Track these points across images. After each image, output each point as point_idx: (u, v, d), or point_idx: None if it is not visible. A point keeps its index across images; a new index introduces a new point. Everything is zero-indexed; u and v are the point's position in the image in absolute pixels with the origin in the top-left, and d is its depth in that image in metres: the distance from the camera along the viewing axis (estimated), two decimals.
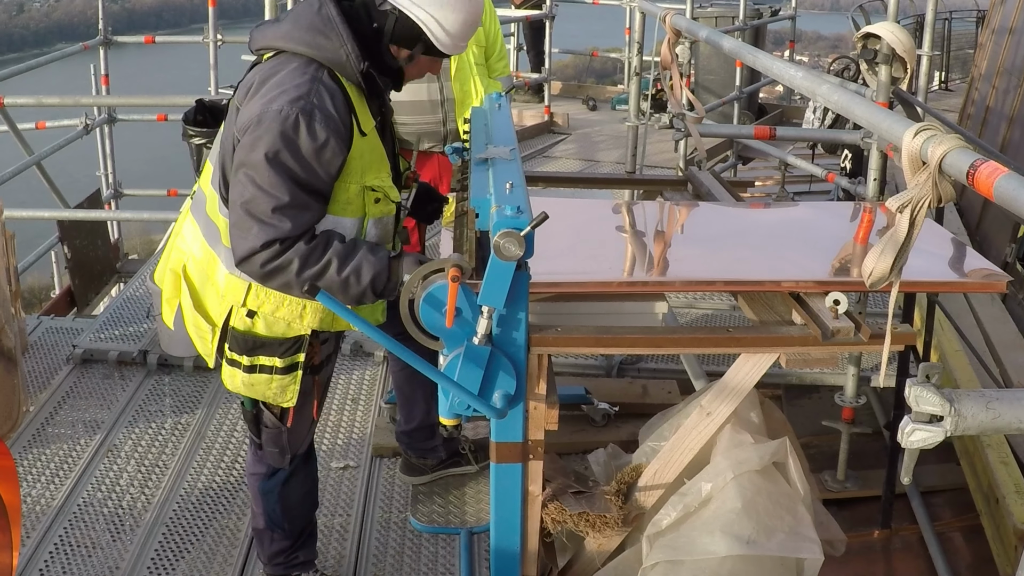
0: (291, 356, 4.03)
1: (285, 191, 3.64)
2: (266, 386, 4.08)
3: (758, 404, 3.95)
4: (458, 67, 6.44)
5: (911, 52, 4.75)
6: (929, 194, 2.58)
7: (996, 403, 1.94)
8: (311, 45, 3.78)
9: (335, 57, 3.77)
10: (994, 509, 5.07)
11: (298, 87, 3.69)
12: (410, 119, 6.51)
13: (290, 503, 4.57)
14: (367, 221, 3.98)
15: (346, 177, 3.83)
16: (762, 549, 3.52)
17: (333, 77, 3.78)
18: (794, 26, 15.92)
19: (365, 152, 3.88)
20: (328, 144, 3.67)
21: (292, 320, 3.97)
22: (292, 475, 4.52)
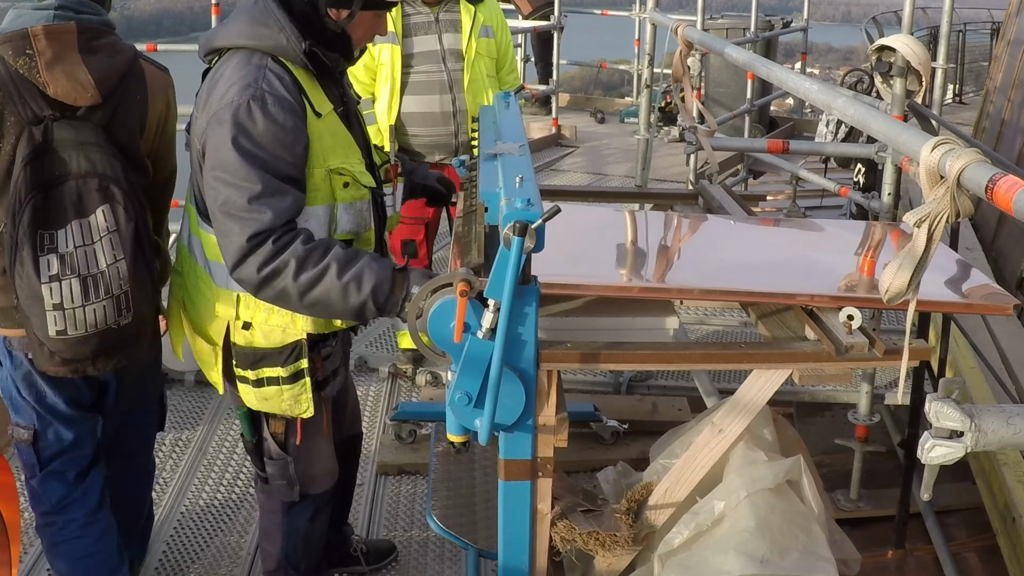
0: (293, 364, 4.00)
1: (255, 179, 3.62)
2: (278, 398, 4.05)
3: (771, 421, 3.95)
4: (470, 79, 6.48)
5: (926, 65, 4.76)
6: (947, 209, 2.58)
7: (1017, 418, 1.95)
8: (252, 36, 3.82)
9: (276, 43, 3.79)
10: (1011, 529, 5.07)
11: (244, 77, 3.71)
12: (422, 131, 6.57)
13: (309, 543, 4.53)
14: (337, 208, 3.94)
15: (309, 162, 3.82)
16: (776, 569, 3.52)
17: (279, 63, 3.80)
18: (806, 38, 15.92)
19: (324, 134, 3.88)
20: (286, 125, 3.69)
21: (286, 325, 3.96)
22: (315, 515, 4.49)
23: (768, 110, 16.58)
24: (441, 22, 6.61)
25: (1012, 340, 7.25)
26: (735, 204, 5.19)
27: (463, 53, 6.60)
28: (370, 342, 7.66)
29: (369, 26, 4.03)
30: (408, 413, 6.26)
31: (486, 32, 6.65)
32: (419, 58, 6.63)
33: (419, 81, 6.64)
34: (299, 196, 3.75)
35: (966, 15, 23.57)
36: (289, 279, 3.61)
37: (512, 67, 6.93)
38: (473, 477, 4.90)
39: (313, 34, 3.84)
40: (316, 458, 4.35)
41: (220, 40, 3.92)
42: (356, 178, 3.96)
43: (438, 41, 6.61)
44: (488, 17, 6.67)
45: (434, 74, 6.63)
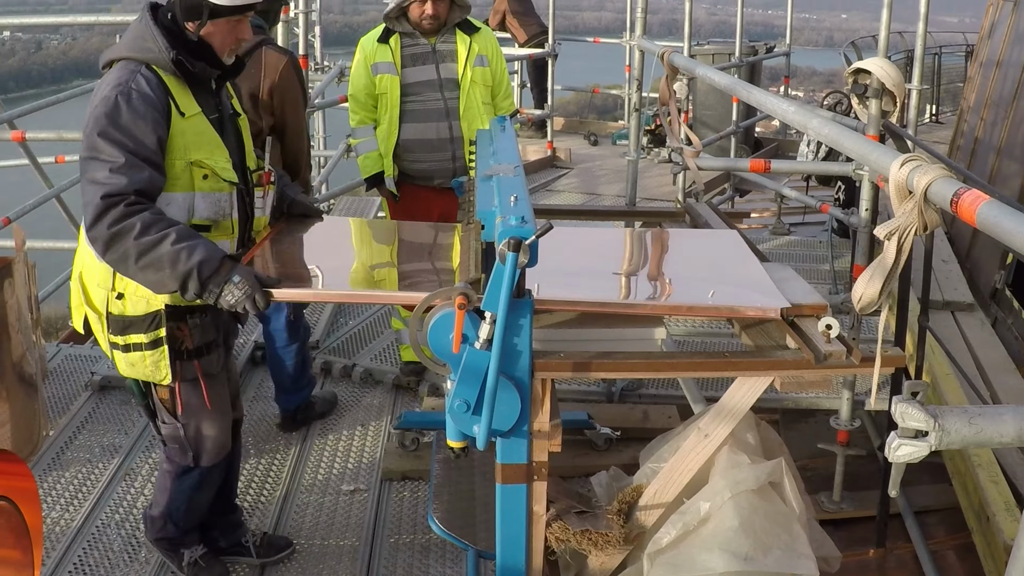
0: (153, 332, 4.34)
1: (119, 154, 3.99)
2: (142, 363, 4.40)
3: (755, 426, 3.97)
4: (466, 106, 6.51)
5: (900, 86, 4.79)
6: (915, 222, 2.62)
7: (978, 419, 1.97)
8: (132, 49, 4.22)
9: (150, 53, 4.17)
10: (985, 527, 5.08)
11: (118, 78, 4.13)
12: (421, 157, 6.62)
13: (195, 505, 4.91)
14: (196, 197, 4.29)
15: (171, 153, 4.19)
16: (759, 566, 3.54)
17: (152, 70, 4.17)
18: (789, 62, 15.98)
19: (188, 131, 4.24)
20: (146, 116, 4.07)
21: (150, 296, 4.26)
22: (202, 485, 4.87)
23: (753, 131, 16.60)
24: (438, 52, 6.65)
25: (985, 348, 7.28)
26: (721, 221, 5.21)
27: (459, 82, 6.64)
28: (375, 355, 7.69)
29: (226, 33, 4.32)
30: (411, 422, 6.28)
31: (481, 61, 6.67)
32: (417, 87, 6.67)
33: (417, 109, 6.68)
34: (155, 175, 4.10)
35: (942, 39, 23.64)
36: (131, 240, 3.90)
37: (507, 93, 6.96)
38: (472, 482, 4.92)
39: (180, 45, 4.20)
40: (204, 429, 4.66)
41: (110, 54, 4.31)
42: (216, 172, 4.33)
43: (435, 71, 6.65)
44: (483, 46, 6.69)
45: (431, 102, 6.67)
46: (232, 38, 4.34)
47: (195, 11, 4.18)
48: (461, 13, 6.66)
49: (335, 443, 6.51)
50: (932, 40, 20.88)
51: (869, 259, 5.05)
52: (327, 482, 6.07)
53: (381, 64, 6.66)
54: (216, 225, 4.37)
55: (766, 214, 12.46)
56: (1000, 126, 10.03)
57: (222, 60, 4.38)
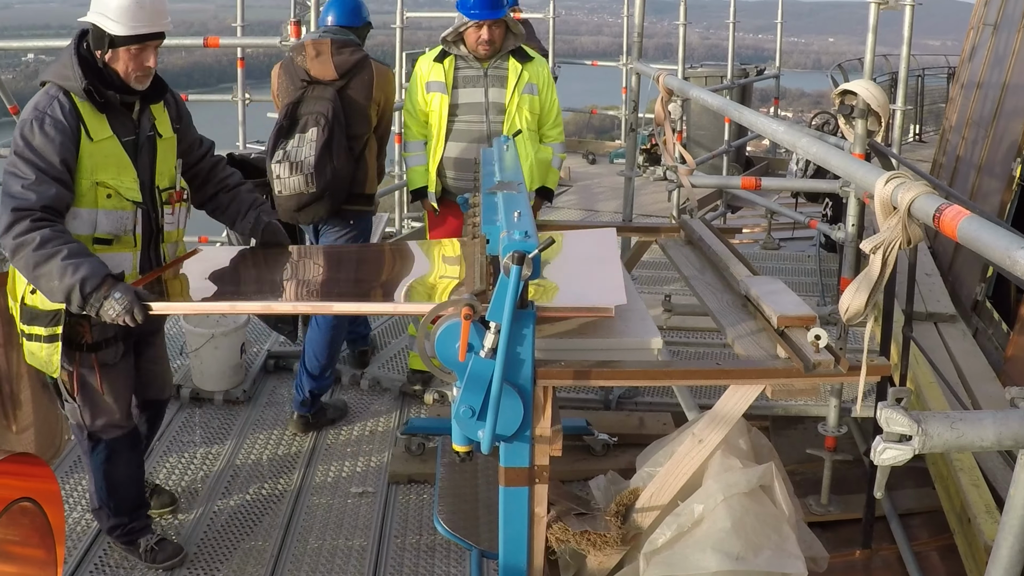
0: (52, 327, 4.58)
1: (30, 172, 4.34)
2: (39, 354, 4.66)
3: (746, 432, 3.98)
4: (508, 131, 6.45)
5: (885, 107, 4.80)
6: (900, 236, 2.63)
7: (959, 423, 1.98)
8: (55, 75, 4.55)
9: (68, 81, 4.49)
10: (967, 528, 5.09)
11: (38, 102, 4.48)
12: (459, 175, 6.62)
13: (113, 482, 5.06)
14: (99, 213, 4.57)
15: (79, 173, 4.49)
16: (750, 565, 3.55)
17: (68, 96, 4.48)
18: (778, 84, 16.02)
19: (95, 154, 4.52)
20: (55, 140, 4.38)
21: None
22: (110, 457, 5.02)
23: (744, 150, 16.63)
24: (489, 77, 6.62)
25: (967, 357, 7.29)
26: (714, 236, 5.22)
27: (506, 106, 6.58)
28: (382, 364, 7.69)
29: (127, 61, 4.56)
30: (417, 428, 6.29)
31: (531, 89, 6.62)
32: (464, 108, 6.66)
33: (462, 129, 6.67)
34: (63, 191, 4.41)
35: (924, 61, 23.68)
36: (30, 251, 4.25)
37: (556, 123, 6.87)
38: (476, 485, 4.92)
39: (93, 74, 4.52)
40: (99, 410, 4.91)
41: (42, 76, 4.62)
42: (120, 192, 4.60)
43: (484, 94, 6.62)
44: (534, 75, 6.64)
45: (475, 124, 6.64)
46: (135, 65, 4.58)
47: (99, 41, 4.52)
48: (515, 41, 6.62)
49: (344, 447, 6.51)
50: (915, 63, 20.93)
51: (855, 272, 5.06)
52: (336, 484, 6.07)
53: (433, 83, 6.67)
54: (118, 239, 4.65)
55: (757, 229, 12.48)
56: (981, 145, 10.05)
57: (130, 86, 4.62)
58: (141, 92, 4.68)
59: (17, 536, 3.24)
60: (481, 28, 6.44)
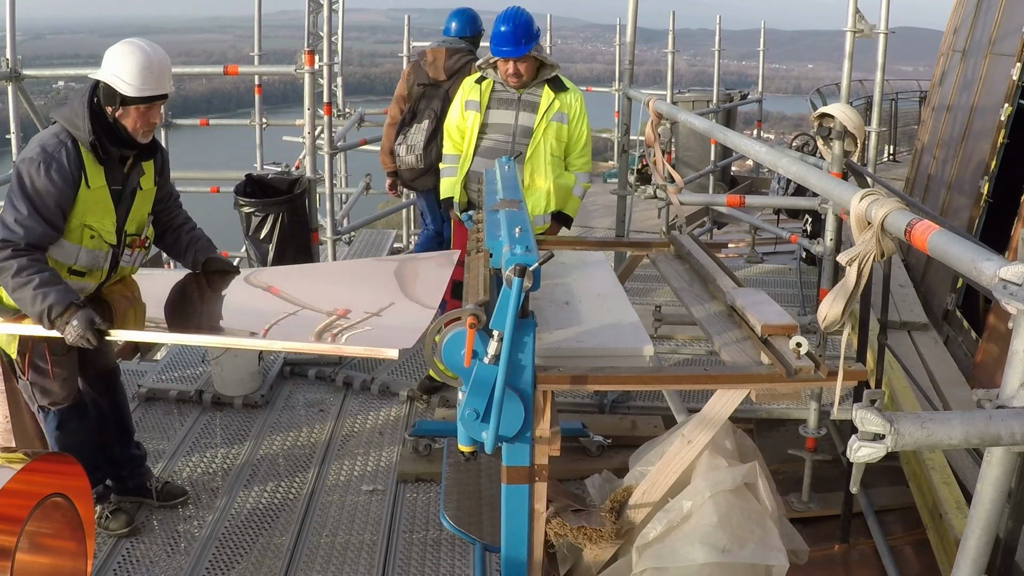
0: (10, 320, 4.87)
1: (25, 208, 4.57)
2: (1, 337, 5.03)
3: (732, 433, 3.98)
4: (532, 154, 6.47)
5: (860, 129, 4.81)
6: (874, 249, 2.64)
7: (929, 423, 2.00)
8: (66, 119, 4.72)
9: (77, 130, 4.68)
10: (938, 524, 5.09)
11: (47, 142, 4.66)
12: (479, 188, 6.61)
13: (65, 447, 5.16)
14: (81, 250, 4.84)
15: (72, 215, 4.72)
16: (735, 557, 3.55)
17: (75, 143, 4.67)
18: (761, 108, 16.03)
19: (89, 200, 4.74)
20: (57, 185, 4.60)
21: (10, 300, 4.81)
22: (60, 426, 5.22)
23: (729, 170, 16.64)
24: (522, 101, 6.63)
25: (939, 363, 7.29)
26: (701, 251, 5.24)
27: (533, 130, 6.58)
28: (391, 370, 7.70)
29: (136, 118, 4.78)
30: (424, 430, 6.31)
31: (560, 118, 6.59)
32: (493, 128, 6.68)
33: (489, 147, 6.68)
34: (50, 232, 4.66)
35: (898, 86, 23.70)
36: (9, 276, 4.54)
37: (582, 153, 6.81)
38: (480, 483, 4.92)
39: (101, 128, 4.72)
40: (47, 389, 5.15)
41: (55, 113, 4.79)
42: (100, 235, 4.88)
43: (515, 117, 6.63)
44: (566, 105, 6.62)
45: (501, 143, 6.64)
46: (143, 121, 4.80)
47: (110, 99, 4.71)
48: (550, 71, 6.65)
49: (355, 448, 6.53)
50: (889, 87, 20.94)
51: (833, 283, 5.06)
52: (348, 483, 6.08)
53: (470, 102, 6.73)
54: (89, 272, 4.96)
55: (741, 244, 12.50)
56: (951, 164, 10.06)
57: (136, 140, 4.84)
58: (137, 148, 4.89)
59: (50, 529, 3.25)
60: (508, 62, 6.48)
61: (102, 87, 4.70)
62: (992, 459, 2.13)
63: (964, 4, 11.74)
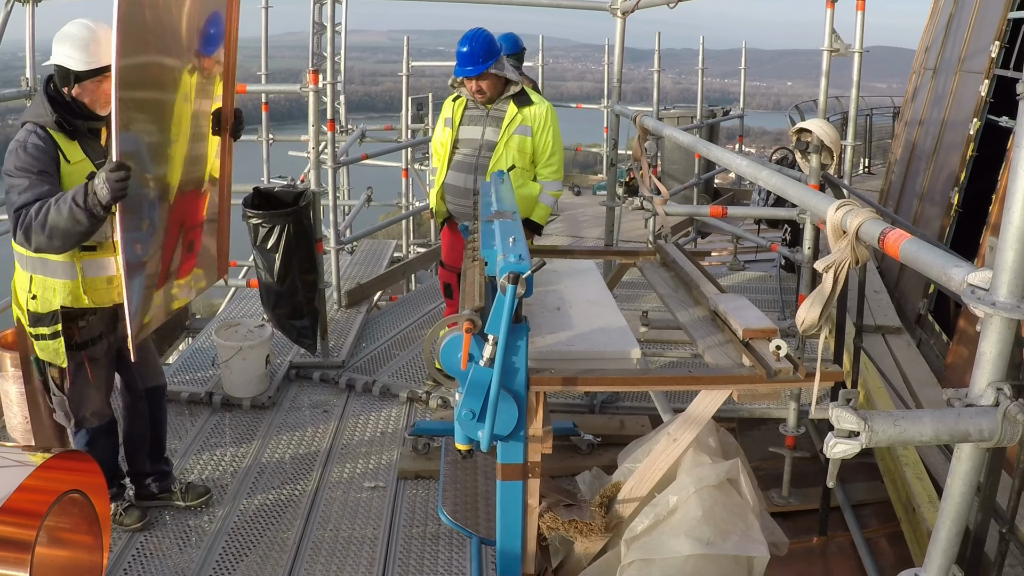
0: (53, 326, 4.82)
1: (22, 181, 4.49)
2: (48, 350, 4.87)
3: (715, 432, 3.99)
4: (494, 165, 6.54)
5: (837, 143, 4.82)
6: (849, 257, 2.65)
7: (901, 421, 2.01)
8: (31, 114, 4.69)
9: (41, 117, 4.65)
10: (912, 517, 5.10)
11: (18, 137, 4.62)
12: (453, 199, 6.78)
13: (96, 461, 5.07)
14: None
15: (63, 189, 4.56)
16: (719, 549, 3.56)
17: (43, 128, 4.62)
18: (742, 123, 16.04)
19: (74, 174, 4.65)
20: (37, 157, 4.55)
21: (50, 298, 4.78)
22: (90, 444, 5.15)
23: (713, 182, 16.65)
24: (489, 117, 6.72)
25: (912, 364, 7.30)
26: (686, 259, 5.24)
27: (495, 144, 6.66)
28: (392, 373, 7.70)
29: (93, 91, 4.72)
30: (423, 429, 6.30)
31: (524, 131, 6.64)
32: (463, 143, 6.80)
33: (459, 160, 6.80)
34: (54, 187, 4.56)
35: (872, 102, 23.75)
36: (35, 226, 4.42)
37: (549, 162, 6.81)
38: (476, 479, 4.93)
39: (62, 108, 4.68)
40: (85, 401, 5.06)
41: (21, 119, 4.74)
42: None
43: (481, 132, 6.73)
44: (530, 118, 6.66)
45: (469, 157, 6.75)
46: (100, 94, 4.71)
47: (65, 79, 4.68)
48: (514, 88, 6.72)
49: (358, 447, 6.52)
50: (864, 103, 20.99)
51: (811, 289, 5.08)
52: (351, 480, 6.07)
53: (447, 119, 6.90)
54: (100, 246, 4.79)
55: (724, 253, 12.50)
56: (922, 176, 10.08)
57: (97, 113, 4.77)
58: (99, 119, 4.81)
59: (68, 524, 3.25)
60: (471, 81, 6.58)
61: (55, 72, 4.70)
62: (962, 455, 2.14)
63: (935, 24, 11.77)
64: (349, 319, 8.87)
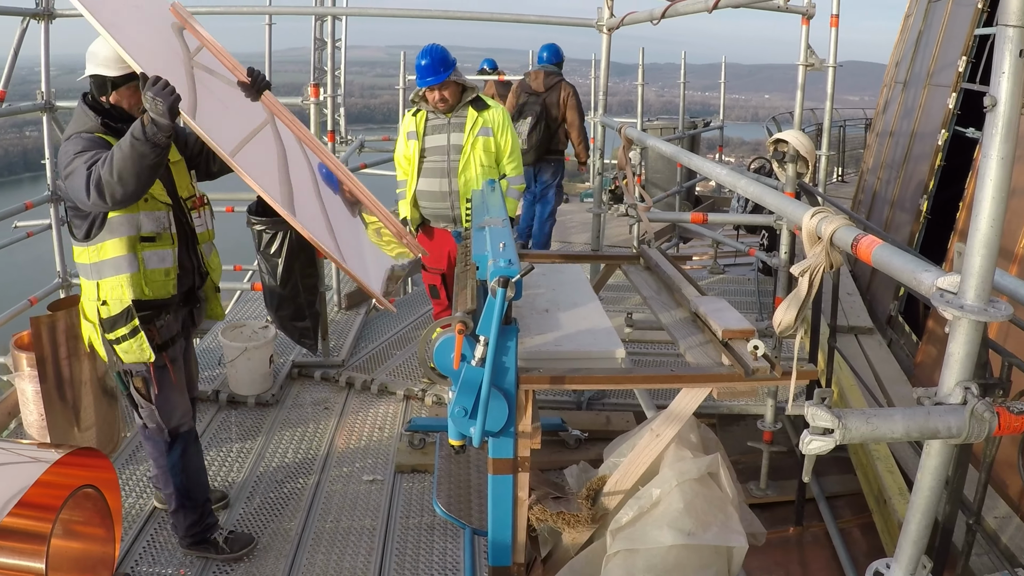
0: (130, 322, 4.57)
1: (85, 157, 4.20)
2: (132, 349, 4.62)
3: (696, 428, 3.98)
4: (463, 167, 6.64)
5: (812, 153, 4.82)
6: (823, 262, 2.64)
7: (874, 418, 1.99)
8: (75, 126, 4.46)
9: (85, 125, 4.45)
10: (883, 508, 5.10)
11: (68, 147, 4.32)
12: (429, 204, 6.83)
13: (189, 475, 4.98)
14: (140, 215, 4.51)
15: None
16: (700, 540, 3.54)
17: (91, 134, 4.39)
18: (722, 134, 16.05)
19: None
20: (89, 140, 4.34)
21: (120, 296, 4.55)
22: (185, 451, 4.95)
23: (694, 190, 16.64)
24: (451, 124, 6.79)
25: (883, 363, 7.30)
26: (668, 262, 5.23)
27: (462, 147, 6.73)
28: (389, 372, 7.69)
29: (129, 96, 4.56)
30: (419, 425, 6.29)
31: (486, 132, 6.76)
32: (431, 151, 6.84)
33: (429, 168, 6.86)
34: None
35: (846, 113, 23.82)
36: (105, 174, 4.09)
37: (511, 159, 6.94)
38: (469, 473, 4.91)
39: (102, 114, 4.51)
40: (174, 405, 4.86)
41: (65, 134, 4.48)
42: (153, 196, 4.54)
43: (447, 139, 6.79)
44: (489, 120, 6.78)
45: (439, 163, 6.80)
46: (137, 98, 4.52)
47: (102, 88, 4.52)
48: (472, 92, 6.82)
49: (357, 442, 6.51)
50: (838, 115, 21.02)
51: (787, 292, 5.08)
52: (351, 473, 6.06)
53: (410, 133, 6.94)
54: (159, 237, 4.61)
55: (705, 257, 12.49)
56: (893, 184, 10.09)
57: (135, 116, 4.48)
58: None
59: (82, 517, 3.25)
60: (433, 90, 6.71)
61: (91, 84, 4.57)
62: (931, 451, 2.13)
63: (905, 41, 11.79)
64: (348, 321, 8.86)
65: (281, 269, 5.92)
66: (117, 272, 4.52)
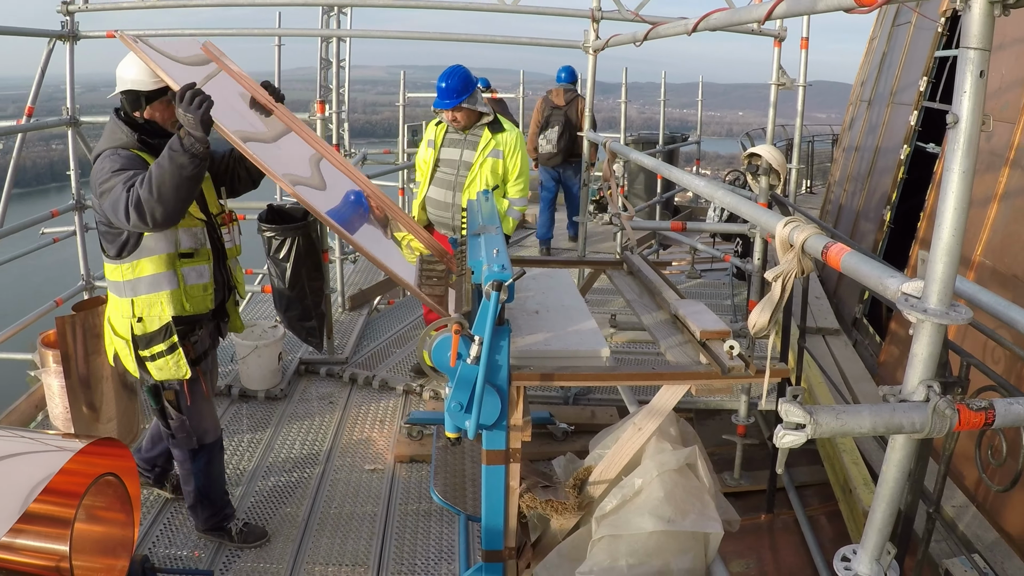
0: (168, 339, 4.41)
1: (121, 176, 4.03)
2: (168, 366, 4.46)
3: (676, 422, 3.97)
4: (469, 183, 6.62)
5: (783, 166, 4.81)
6: (795, 268, 2.63)
7: (843, 414, 1.99)
8: (109, 141, 4.25)
9: (120, 140, 4.23)
10: (849, 497, 5.09)
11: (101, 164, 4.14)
12: (434, 211, 6.86)
13: (211, 481, 4.92)
14: (179, 231, 4.37)
15: None
16: (679, 526, 3.54)
17: (126, 149, 4.20)
18: (699, 148, 16.02)
19: None
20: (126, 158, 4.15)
21: (158, 313, 4.38)
22: (210, 460, 4.87)
23: (673, 200, 16.64)
24: (466, 141, 6.78)
25: (849, 362, 7.30)
26: (649, 268, 5.23)
27: (472, 165, 6.71)
28: (389, 368, 7.68)
29: (164, 110, 4.36)
30: (417, 418, 6.28)
31: (496, 154, 6.70)
32: (444, 163, 6.85)
33: (440, 177, 6.86)
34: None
35: (815, 129, 23.87)
36: (144, 194, 3.90)
37: (516, 182, 6.84)
38: (464, 463, 4.91)
39: (138, 129, 4.30)
40: (204, 416, 4.75)
41: (96, 150, 4.31)
42: (190, 212, 4.35)
43: (460, 154, 6.78)
44: (502, 143, 6.72)
45: (448, 175, 6.79)
46: (171, 112, 4.36)
47: (135, 102, 4.30)
48: (486, 117, 6.78)
49: (359, 434, 6.49)
50: (807, 131, 21.03)
51: (761, 296, 5.08)
52: (353, 463, 6.04)
53: (430, 141, 6.95)
54: (197, 252, 4.48)
55: (683, 263, 12.48)
56: (859, 195, 10.10)
57: (169, 131, 4.37)
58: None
59: (103, 503, 3.23)
60: (447, 111, 6.69)
61: (124, 101, 4.34)
62: (896, 445, 2.13)
63: (870, 62, 11.80)
64: (352, 321, 8.84)
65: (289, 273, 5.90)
66: (155, 289, 4.37)
